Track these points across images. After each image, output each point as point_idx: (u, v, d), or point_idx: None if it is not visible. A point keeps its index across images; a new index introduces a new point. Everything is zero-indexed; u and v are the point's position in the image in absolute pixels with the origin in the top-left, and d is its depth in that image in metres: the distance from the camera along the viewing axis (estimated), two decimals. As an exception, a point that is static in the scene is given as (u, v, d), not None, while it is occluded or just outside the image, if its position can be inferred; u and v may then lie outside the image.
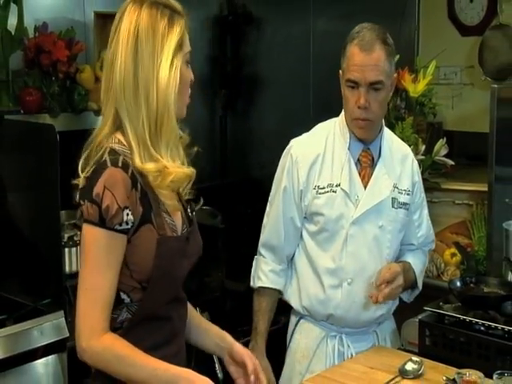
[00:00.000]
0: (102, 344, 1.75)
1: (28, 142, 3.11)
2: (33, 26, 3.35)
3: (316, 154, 2.58)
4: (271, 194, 2.71)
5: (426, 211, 2.74)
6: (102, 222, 1.74)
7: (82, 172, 1.82)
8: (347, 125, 2.57)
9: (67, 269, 3.17)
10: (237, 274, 3.65)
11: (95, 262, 1.75)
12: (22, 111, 3.27)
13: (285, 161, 2.65)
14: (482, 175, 3.49)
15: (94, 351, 1.75)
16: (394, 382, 2.28)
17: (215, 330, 2.10)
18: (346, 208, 2.54)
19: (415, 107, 3.44)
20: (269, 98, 4.48)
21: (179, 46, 1.82)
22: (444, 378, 2.25)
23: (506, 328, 2.38)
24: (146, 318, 1.85)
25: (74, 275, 3.17)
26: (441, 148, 3.40)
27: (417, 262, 2.69)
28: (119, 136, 1.83)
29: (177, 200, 1.89)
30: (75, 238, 3.18)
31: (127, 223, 1.76)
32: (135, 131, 1.80)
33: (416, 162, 2.73)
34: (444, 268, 3.33)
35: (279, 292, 2.70)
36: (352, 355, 2.57)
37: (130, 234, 1.78)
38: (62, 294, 2.99)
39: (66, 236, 3.16)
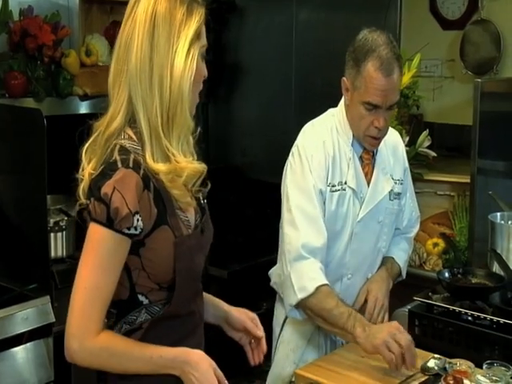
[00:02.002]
0: (98, 344, 1.69)
1: (15, 126, 3.10)
2: (17, 9, 3.32)
3: (326, 153, 2.52)
4: (291, 197, 2.52)
5: (408, 194, 2.76)
6: (110, 223, 1.67)
7: (88, 164, 1.74)
8: (353, 133, 2.54)
9: (53, 254, 3.16)
10: (220, 260, 3.67)
11: (99, 261, 1.69)
12: (6, 95, 3.25)
13: (298, 162, 2.53)
14: (461, 167, 3.56)
15: (88, 352, 1.69)
16: (411, 378, 2.29)
17: (209, 298, 2.04)
18: (353, 206, 2.54)
19: (400, 99, 3.48)
20: (251, 86, 4.49)
21: (197, 36, 1.77)
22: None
23: (495, 319, 2.44)
24: (168, 317, 1.81)
25: (60, 260, 3.18)
26: (424, 140, 3.46)
27: (400, 254, 2.73)
28: (129, 131, 1.76)
29: (190, 196, 1.81)
30: (61, 224, 3.17)
31: (136, 229, 1.69)
32: (148, 120, 1.72)
33: (404, 148, 2.77)
34: (426, 257, 3.40)
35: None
36: (342, 344, 2.60)
37: (142, 236, 1.71)
38: (48, 279, 2.99)
39: (52, 221, 3.15)
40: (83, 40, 3.59)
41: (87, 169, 1.74)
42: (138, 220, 1.68)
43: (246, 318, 2.02)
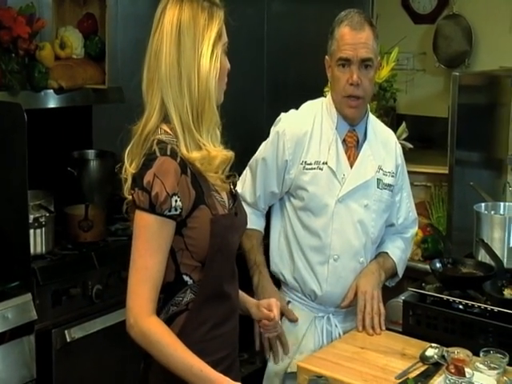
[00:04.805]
0: (147, 325, 1.86)
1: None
2: (-11, 1, 3.24)
3: (304, 130, 2.64)
4: (253, 158, 2.76)
5: (405, 194, 2.82)
6: (152, 208, 1.86)
7: (130, 165, 1.93)
8: (335, 105, 2.65)
9: (32, 250, 3.10)
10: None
11: (146, 245, 1.88)
12: (-19, 88, 3.17)
13: (272, 133, 2.71)
14: (436, 157, 3.63)
15: (140, 329, 1.86)
16: (412, 368, 2.34)
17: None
18: (332, 186, 2.61)
19: (379, 92, 3.53)
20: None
21: (219, 37, 1.94)
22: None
23: (488, 307, 2.49)
24: (209, 297, 1.97)
25: (40, 257, 3.11)
26: (403, 132, 3.51)
27: (395, 250, 2.79)
28: (165, 127, 1.95)
29: (222, 180, 1.98)
30: (41, 220, 3.11)
31: (176, 209, 1.87)
32: (180, 118, 1.91)
33: (399, 146, 2.83)
34: (405, 247, 3.44)
35: (261, 233, 2.81)
36: (339, 334, 2.66)
37: (184, 216, 1.89)
38: (29, 277, 2.93)
39: (32, 217, 3.08)
40: (56, 32, 3.52)
41: (129, 169, 1.93)
42: (176, 201, 1.87)
43: (275, 303, 2.22)
